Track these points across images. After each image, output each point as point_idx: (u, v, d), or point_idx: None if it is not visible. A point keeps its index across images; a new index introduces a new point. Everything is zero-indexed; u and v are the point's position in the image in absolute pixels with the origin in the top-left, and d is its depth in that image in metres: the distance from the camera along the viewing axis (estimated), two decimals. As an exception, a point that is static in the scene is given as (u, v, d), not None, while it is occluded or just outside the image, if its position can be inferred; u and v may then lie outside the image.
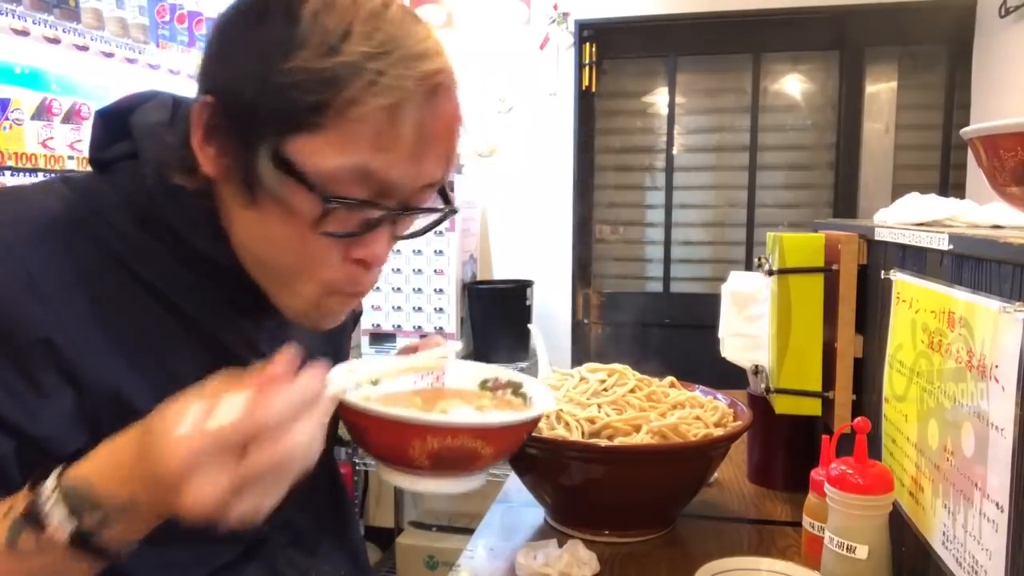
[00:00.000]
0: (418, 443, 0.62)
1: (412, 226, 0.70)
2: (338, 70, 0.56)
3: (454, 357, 0.81)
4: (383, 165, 0.60)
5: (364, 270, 0.66)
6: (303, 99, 0.57)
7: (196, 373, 0.62)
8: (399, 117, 0.58)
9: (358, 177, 0.60)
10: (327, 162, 0.58)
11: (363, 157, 0.59)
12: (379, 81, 0.57)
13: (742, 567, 0.83)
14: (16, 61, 1.89)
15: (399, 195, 0.63)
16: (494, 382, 0.81)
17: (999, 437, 0.58)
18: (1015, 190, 0.65)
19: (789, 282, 1.05)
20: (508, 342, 2.74)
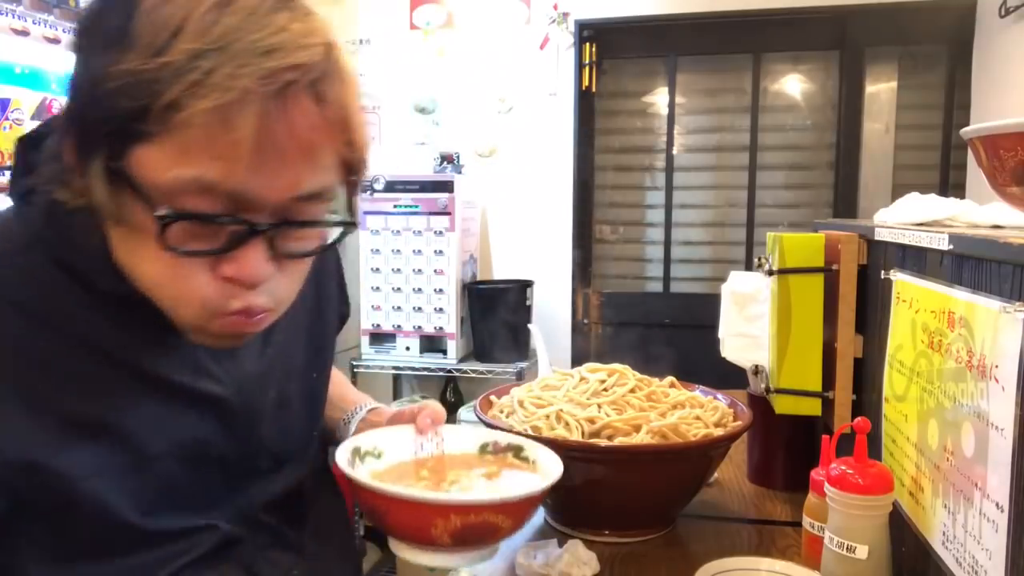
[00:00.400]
0: (441, 522, 0.62)
1: (303, 242, 0.62)
2: (159, 72, 0.51)
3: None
4: (223, 175, 0.53)
5: (242, 289, 0.58)
6: (126, 106, 0.51)
7: (124, 402, 0.61)
8: (233, 121, 0.51)
9: (201, 189, 0.54)
10: (164, 174, 0.53)
11: (200, 167, 0.53)
12: (205, 82, 0.50)
13: (742, 567, 0.83)
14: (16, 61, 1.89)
15: (262, 208, 0.56)
16: (494, 445, 0.81)
17: (999, 437, 0.58)
18: (1015, 190, 0.65)
19: (789, 282, 1.05)
20: (508, 342, 2.74)
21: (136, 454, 0.62)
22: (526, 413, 1.02)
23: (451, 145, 2.98)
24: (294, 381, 0.77)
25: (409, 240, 2.73)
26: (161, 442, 0.64)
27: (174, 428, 0.65)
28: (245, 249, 0.57)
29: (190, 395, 0.66)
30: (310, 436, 0.81)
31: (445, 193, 2.68)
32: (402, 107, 3.05)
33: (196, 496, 0.67)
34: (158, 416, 0.64)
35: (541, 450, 0.78)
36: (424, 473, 0.74)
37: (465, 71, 2.98)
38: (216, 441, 0.68)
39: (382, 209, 2.74)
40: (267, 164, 0.54)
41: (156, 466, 0.63)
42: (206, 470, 0.68)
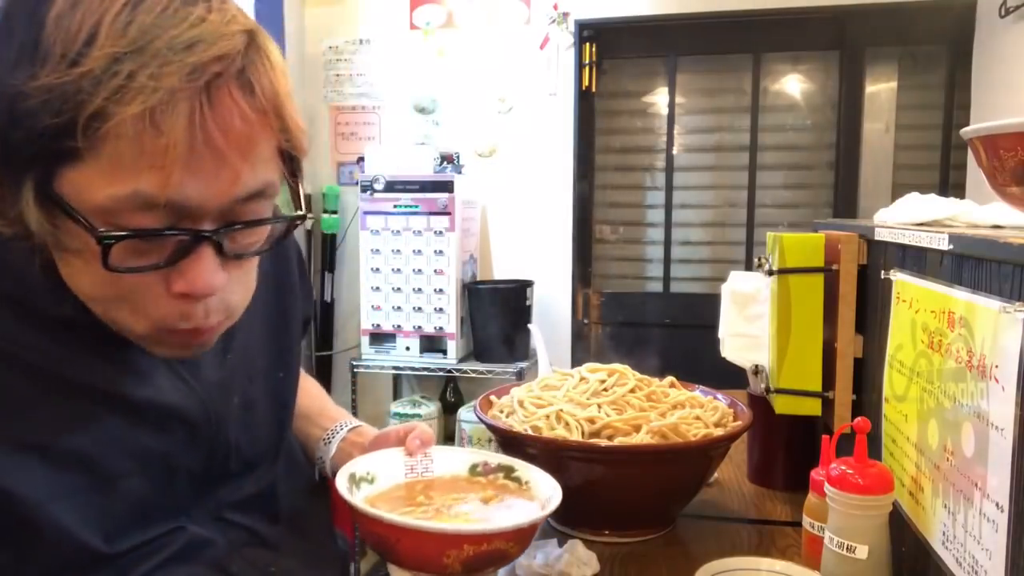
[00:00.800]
0: (454, 552, 0.63)
1: (250, 242, 0.60)
2: (79, 82, 0.48)
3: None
4: (160, 186, 0.50)
5: (193, 302, 0.57)
6: (49, 123, 0.48)
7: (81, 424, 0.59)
8: (163, 124, 0.49)
9: (139, 205, 0.51)
10: (98, 194, 0.50)
11: (135, 181, 0.50)
12: (129, 86, 0.48)
13: (742, 567, 0.83)
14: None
15: (205, 214, 0.54)
16: (484, 466, 0.81)
17: (999, 437, 0.58)
18: (1015, 190, 0.65)
19: (789, 282, 1.05)
20: (508, 342, 2.74)
21: (98, 476, 0.60)
22: (526, 413, 1.02)
23: (451, 145, 2.98)
24: (257, 383, 0.76)
25: (409, 240, 2.73)
26: (124, 461, 0.62)
27: (137, 446, 0.63)
28: (193, 259, 0.55)
29: (153, 411, 0.64)
30: (279, 436, 0.80)
31: (445, 193, 2.68)
32: (402, 107, 3.05)
33: (162, 507, 0.66)
34: (119, 436, 0.62)
35: (532, 470, 0.79)
36: (420, 498, 0.75)
37: (465, 71, 2.98)
38: (181, 453, 0.67)
39: (382, 209, 2.74)
40: (204, 167, 0.51)
41: (120, 485, 0.62)
42: (172, 482, 0.67)
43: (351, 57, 3.08)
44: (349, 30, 3.06)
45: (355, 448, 0.86)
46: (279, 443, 0.80)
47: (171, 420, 0.66)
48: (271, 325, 0.80)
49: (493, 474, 0.80)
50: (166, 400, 0.65)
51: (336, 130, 3.13)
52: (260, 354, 0.78)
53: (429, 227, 2.71)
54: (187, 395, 0.67)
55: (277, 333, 0.81)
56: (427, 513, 0.72)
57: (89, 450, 0.60)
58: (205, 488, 0.71)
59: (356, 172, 3.03)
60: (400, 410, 2.83)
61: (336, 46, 3.08)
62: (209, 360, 0.70)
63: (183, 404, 0.67)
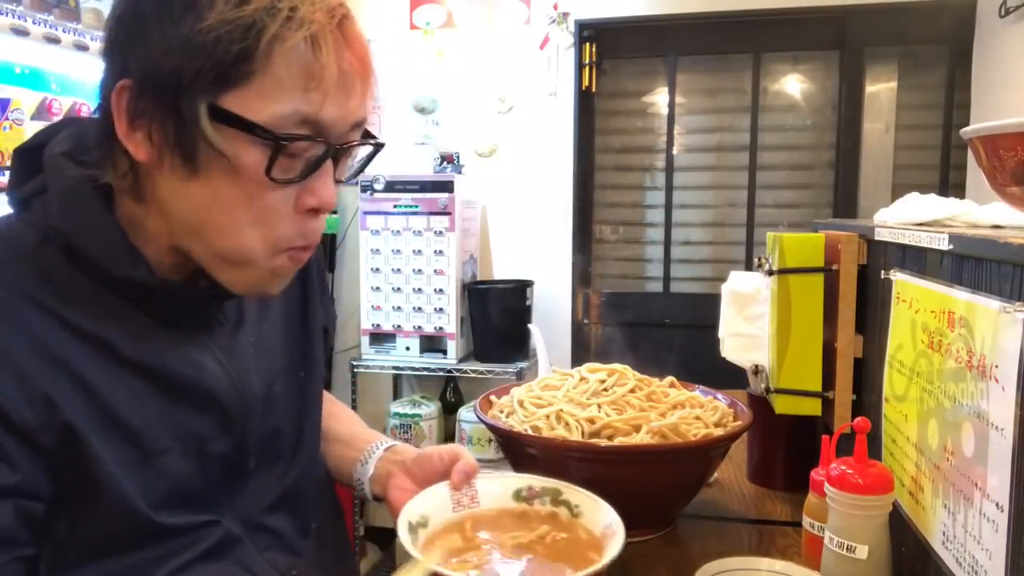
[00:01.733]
0: None
1: (349, 167, 0.70)
2: (256, 14, 0.57)
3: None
4: (315, 106, 0.60)
5: (314, 219, 0.66)
6: (229, 50, 0.57)
7: (131, 397, 0.64)
8: (320, 51, 0.59)
9: (297, 121, 0.60)
10: (262, 113, 0.59)
11: (295, 101, 0.60)
12: (295, 16, 0.58)
13: (742, 567, 0.83)
14: (16, 61, 1.90)
15: (335, 134, 0.64)
16: (528, 491, 0.81)
17: (999, 437, 0.58)
18: (1015, 190, 0.65)
19: (789, 282, 1.05)
20: (508, 342, 2.74)
21: (142, 449, 0.64)
22: (526, 413, 1.02)
23: (451, 145, 2.98)
24: (279, 379, 0.78)
25: (409, 240, 2.73)
26: (165, 438, 0.66)
27: (177, 424, 0.67)
28: (319, 175, 0.64)
29: (193, 391, 0.68)
30: (299, 435, 0.81)
31: (445, 193, 2.68)
32: (402, 107, 3.05)
33: (198, 493, 0.69)
34: (162, 412, 0.66)
35: (581, 493, 0.78)
36: (471, 535, 0.75)
37: (465, 71, 2.98)
38: (215, 437, 0.70)
39: (382, 209, 2.74)
40: (343, 90, 0.62)
41: (159, 462, 0.65)
42: (207, 467, 0.69)
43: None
44: (349, 30, 3.06)
45: (394, 467, 0.86)
46: (299, 443, 0.81)
47: (209, 402, 0.69)
48: (292, 328, 0.83)
49: (539, 499, 0.80)
50: (207, 381, 0.69)
51: (336, 130, 3.13)
52: (281, 353, 0.81)
53: (429, 227, 2.71)
54: (224, 379, 0.71)
55: (298, 336, 0.84)
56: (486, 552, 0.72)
57: (136, 424, 0.64)
58: (234, 482, 0.73)
59: (356, 172, 3.02)
60: (400, 410, 2.83)
61: (336, 46, 3.08)
62: (240, 349, 0.74)
63: (220, 387, 0.70)
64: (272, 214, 0.63)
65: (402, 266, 2.75)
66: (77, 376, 0.61)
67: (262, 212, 0.63)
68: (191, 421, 0.68)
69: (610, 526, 0.73)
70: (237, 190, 0.61)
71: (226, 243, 0.64)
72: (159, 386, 0.66)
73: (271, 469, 0.77)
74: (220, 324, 0.74)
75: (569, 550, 0.74)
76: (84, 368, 0.62)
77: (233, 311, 0.76)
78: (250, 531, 0.73)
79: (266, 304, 0.81)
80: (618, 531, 0.71)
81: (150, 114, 0.60)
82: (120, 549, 0.64)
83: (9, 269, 0.62)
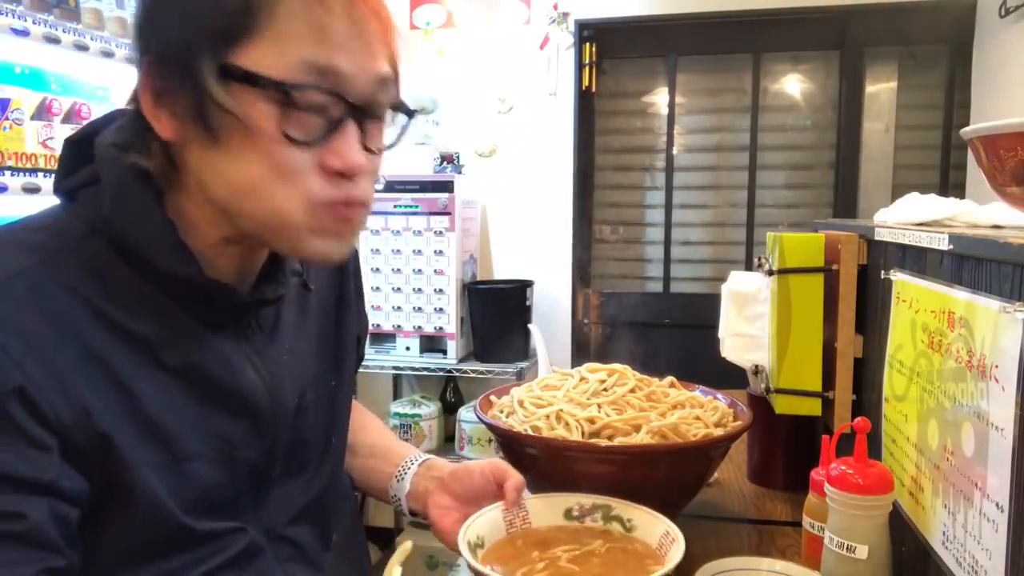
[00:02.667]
0: None
1: (383, 136, 0.68)
2: None
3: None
4: (326, 54, 0.59)
5: (347, 180, 0.64)
6: (230, 6, 0.58)
7: (168, 400, 0.63)
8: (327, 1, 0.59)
9: (305, 74, 0.59)
10: (270, 67, 0.58)
11: (304, 51, 0.59)
12: None
13: (742, 567, 0.83)
14: (16, 61, 1.89)
15: (353, 90, 0.62)
16: (579, 508, 0.82)
17: (999, 437, 0.58)
18: (1015, 190, 0.65)
19: (789, 282, 1.05)
20: (508, 342, 2.74)
21: (173, 453, 0.63)
22: (526, 413, 1.02)
23: (451, 145, 2.98)
24: (309, 387, 0.78)
25: (409, 240, 2.73)
26: (196, 442, 0.65)
27: (210, 429, 0.66)
28: (341, 135, 0.62)
29: (229, 395, 0.68)
30: (326, 443, 0.81)
31: (445, 193, 2.68)
32: (402, 107, 3.05)
33: (226, 500, 0.68)
34: (196, 416, 0.65)
35: (632, 508, 0.79)
36: (527, 552, 0.76)
37: (465, 71, 2.97)
38: (244, 445, 0.69)
39: (382, 209, 2.74)
40: (355, 42, 0.61)
41: (189, 467, 0.64)
42: (235, 474, 0.68)
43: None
44: (349, 30, 3.06)
45: (431, 483, 0.87)
46: (325, 451, 0.81)
47: (243, 408, 0.69)
48: (326, 334, 0.82)
49: (590, 516, 0.81)
50: (243, 387, 0.68)
51: (336, 130, 3.13)
52: (313, 360, 0.80)
53: (429, 227, 2.71)
54: (259, 385, 0.70)
55: (331, 342, 0.83)
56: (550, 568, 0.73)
57: (169, 426, 0.63)
58: (260, 491, 0.72)
59: (356, 172, 3.03)
60: (400, 410, 2.83)
61: (336, 46, 3.08)
62: (276, 356, 0.74)
63: (255, 394, 0.69)
64: (297, 173, 0.61)
65: (402, 266, 2.75)
66: (114, 377, 0.61)
67: (285, 170, 0.61)
68: (224, 427, 0.67)
69: (667, 534, 0.74)
70: (257, 153, 0.60)
71: (260, 208, 0.62)
72: (195, 390, 0.65)
73: (296, 479, 0.76)
74: (260, 330, 0.73)
75: (627, 561, 0.74)
76: (122, 368, 0.61)
77: (271, 317, 0.75)
78: (272, 541, 0.73)
79: (304, 310, 0.79)
80: (677, 538, 0.72)
81: (169, 88, 0.60)
82: (149, 556, 0.63)
83: (55, 262, 0.61)
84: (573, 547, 0.76)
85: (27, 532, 0.55)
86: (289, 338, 0.76)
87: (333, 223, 0.64)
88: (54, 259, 0.61)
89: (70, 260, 0.62)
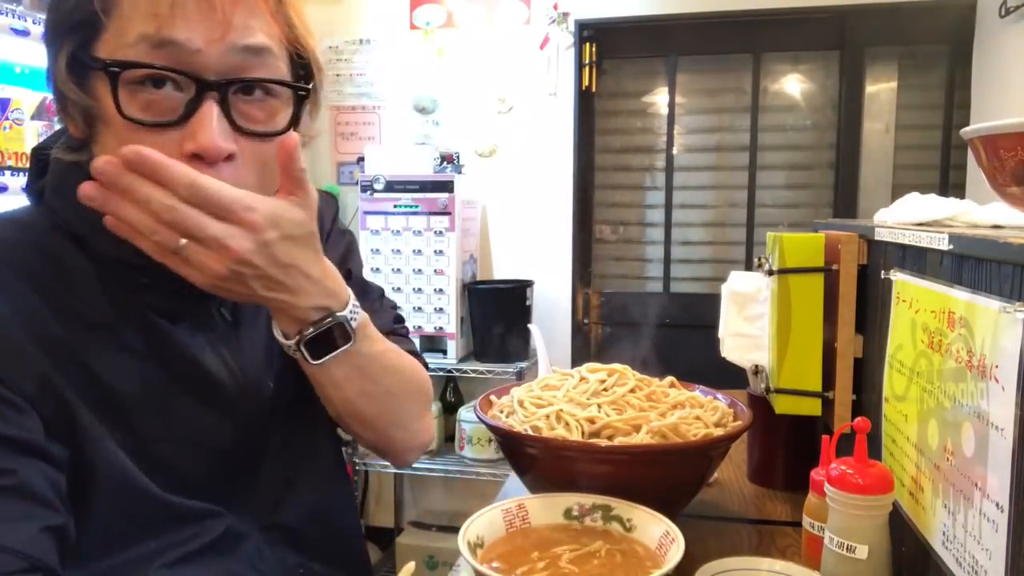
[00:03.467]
0: None
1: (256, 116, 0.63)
2: None
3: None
4: (158, 26, 0.57)
5: (205, 167, 0.59)
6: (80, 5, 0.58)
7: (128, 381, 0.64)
8: None
9: (144, 52, 0.57)
10: (112, 51, 0.58)
11: (140, 27, 0.57)
12: None
13: (742, 567, 0.83)
14: (16, 61, 1.89)
15: (203, 64, 0.59)
16: (579, 508, 0.82)
17: (999, 437, 0.58)
18: (1015, 190, 0.65)
19: (789, 282, 1.05)
20: (508, 342, 2.74)
21: (134, 433, 0.64)
22: (526, 413, 1.02)
23: (451, 145, 2.98)
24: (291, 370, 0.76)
25: (409, 240, 2.73)
26: (159, 426, 0.65)
27: (171, 413, 0.67)
28: (200, 117, 0.59)
29: (191, 383, 0.68)
30: (316, 435, 0.81)
31: (445, 193, 2.68)
32: (402, 107, 3.05)
33: (201, 485, 0.68)
34: (157, 400, 0.66)
35: (632, 508, 0.79)
36: (527, 552, 0.75)
37: (465, 71, 2.97)
38: (215, 432, 0.69)
39: (382, 209, 2.74)
40: (202, 9, 0.58)
41: (156, 449, 0.65)
42: (210, 461, 0.69)
43: (351, 57, 3.08)
44: (349, 30, 3.06)
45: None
46: (315, 441, 0.80)
47: (208, 397, 0.69)
48: None
49: (590, 516, 0.80)
50: (205, 376, 0.68)
51: (336, 130, 3.13)
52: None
53: (429, 227, 2.71)
54: (224, 375, 0.70)
55: None
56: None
57: (133, 410, 0.63)
58: (240, 475, 0.72)
59: (356, 172, 3.03)
60: (400, 410, 2.83)
61: (336, 46, 3.08)
62: (246, 345, 0.73)
63: (220, 383, 0.69)
64: None
65: (402, 266, 2.74)
66: (73, 356, 0.61)
67: None
68: (187, 412, 0.68)
69: (667, 534, 0.74)
70: (116, 140, 0.59)
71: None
72: (157, 375, 0.66)
73: (280, 465, 0.76)
74: (224, 319, 0.73)
75: (626, 561, 0.74)
76: (81, 348, 0.62)
77: (234, 303, 0.74)
78: (261, 528, 0.73)
79: None
80: (677, 538, 0.72)
81: (63, 91, 0.61)
82: (123, 538, 0.63)
83: (17, 253, 0.63)
84: (573, 547, 0.76)
85: (23, 487, 0.56)
86: (255, 322, 0.75)
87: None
88: (14, 251, 0.63)
89: (30, 253, 0.63)
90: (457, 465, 2.77)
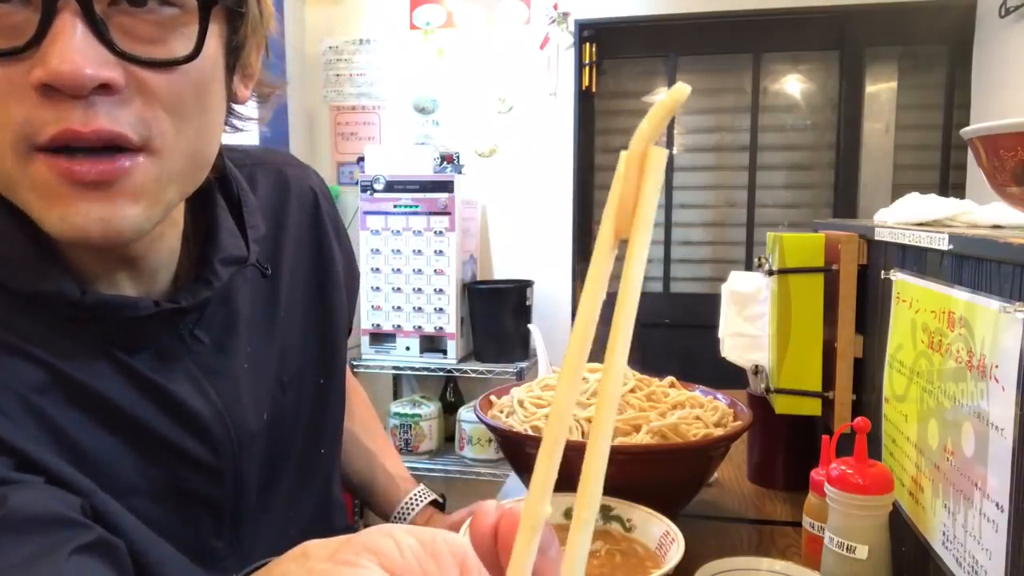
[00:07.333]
0: None
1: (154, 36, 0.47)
2: None
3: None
4: None
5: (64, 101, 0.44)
6: None
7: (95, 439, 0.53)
8: None
9: None
10: None
11: None
12: None
13: (742, 567, 0.83)
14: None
15: None
16: None
17: (999, 437, 0.58)
18: (1015, 190, 0.65)
19: (789, 282, 1.05)
20: (508, 342, 2.74)
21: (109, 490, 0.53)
22: (526, 413, 1.02)
23: (451, 145, 2.98)
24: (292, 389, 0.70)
25: (409, 240, 2.73)
26: (130, 475, 0.55)
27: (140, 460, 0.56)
28: (53, 33, 0.43)
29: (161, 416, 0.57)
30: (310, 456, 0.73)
31: (445, 193, 2.68)
32: (402, 107, 3.05)
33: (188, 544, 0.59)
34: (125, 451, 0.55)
35: (632, 508, 0.79)
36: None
37: (465, 71, 2.97)
38: (193, 476, 0.59)
39: (382, 209, 2.74)
40: None
41: (130, 503, 0.54)
42: (186, 511, 0.59)
43: (351, 57, 3.08)
44: (349, 30, 3.06)
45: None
46: (311, 464, 0.73)
47: (186, 439, 0.58)
48: (306, 325, 0.73)
49: None
50: (181, 415, 0.58)
51: (336, 130, 3.13)
52: (299, 355, 0.71)
53: (429, 227, 2.71)
54: (205, 410, 0.59)
55: (317, 334, 0.73)
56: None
57: (91, 459, 0.53)
58: (234, 527, 0.63)
59: (356, 172, 3.03)
60: (400, 410, 2.83)
61: (336, 46, 3.08)
62: (230, 370, 0.63)
63: (200, 420, 0.59)
64: (5, 99, 0.45)
65: (402, 266, 2.74)
66: (35, 411, 0.50)
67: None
68: (159, 454, 0.57)
69: (667, 534, 0.73)
70: None
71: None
72: (120, 425, 0.54)
73: (276, 508, 0.68)
74: (199, 342, 0.60)
75: (626, 561, 0.74)
76: (38, 401, 0.51)
77: (218, 321, 0.62)
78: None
79: (271, 300, 0.68)
80: (677, 538, 0.71)
81: None
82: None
83: None
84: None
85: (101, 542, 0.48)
86: (253, 341, 0.65)
87: (50, 176, 0.46)
88: None
89: None
90: (457, 465, 2.78)
